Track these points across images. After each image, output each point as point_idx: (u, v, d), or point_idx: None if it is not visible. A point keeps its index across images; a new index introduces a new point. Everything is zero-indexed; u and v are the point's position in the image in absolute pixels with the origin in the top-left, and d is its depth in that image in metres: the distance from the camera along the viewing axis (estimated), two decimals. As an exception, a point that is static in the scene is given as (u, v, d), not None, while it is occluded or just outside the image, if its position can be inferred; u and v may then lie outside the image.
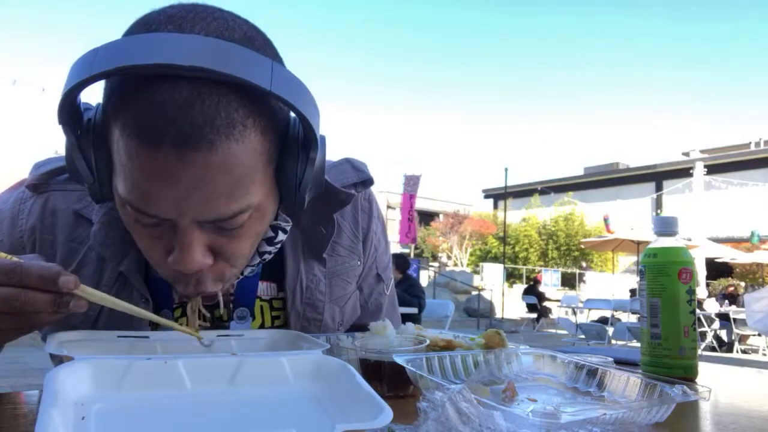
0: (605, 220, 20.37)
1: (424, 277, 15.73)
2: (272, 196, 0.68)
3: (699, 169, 17.26)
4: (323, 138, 0.69)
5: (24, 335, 0.62)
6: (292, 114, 0.66)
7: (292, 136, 0.66)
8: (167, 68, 0.54)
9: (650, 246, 0.89)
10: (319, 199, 0.79)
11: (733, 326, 9.51)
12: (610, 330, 8.02)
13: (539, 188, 27.58)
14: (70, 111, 0.60)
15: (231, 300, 0.83)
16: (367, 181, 0.93)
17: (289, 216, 0.80)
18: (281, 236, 0.79)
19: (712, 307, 10.34)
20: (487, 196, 33.04)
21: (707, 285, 15.54)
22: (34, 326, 0.59)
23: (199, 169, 0.56)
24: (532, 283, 15.69)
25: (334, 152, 0.79)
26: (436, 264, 21.35)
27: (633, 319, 9.05)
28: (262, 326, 0.85)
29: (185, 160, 0.55)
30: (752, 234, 17.63)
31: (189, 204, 0.58)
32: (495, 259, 22.57)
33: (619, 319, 9.31)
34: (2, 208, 0.82)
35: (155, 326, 0.77)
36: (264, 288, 0.86)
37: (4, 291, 0.54)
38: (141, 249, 0.68)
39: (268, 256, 0.80)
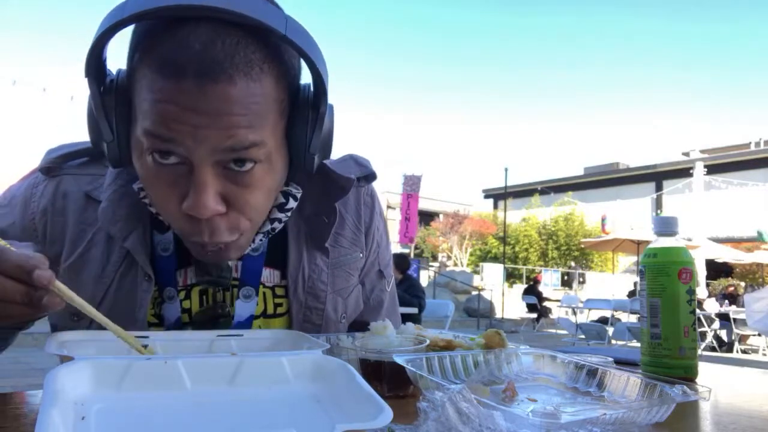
0: (602, 220, 20.42)
1: (424, 277, 15.73)
2: (282, 153, 0.72)
3: (699, 169, 17.28)
4: (332, 106, 0.74)
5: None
6: (303, 83, 0.72)
7: (302, 97, 0.71)
8: (188, 9, 0.60)
9: (650, 246, 0.89)
10: (322, 187, 0.85)
11: (733, 326, 9.51)
12: (610, 330, 8.02)
13: (539, 188, 27.57)
14: (96, 64, 0.65)
15: (236, 283, 0.84)
16: (370, 176, 0.97)
17: (299, 185, 0.84)
18: (292, 203, 0.82)
19: (712, 307, 10.34)
20: (487, 196, 33.05)
21: (707, 285, 15.54)
22: (6, 316, 0.57)
23: (219, 100, 0.61)
24: (531, 283, 15.68)
25: (334, 152, 0.81)
26: (436, 264, 21.34)
27: (633, 319, 9.05)
28: (264, 312, 0.85)
29: (206, 91, 0.61)
30: (759, 234, 17.55)
31: (207, 132, 0.62)
32: (495, 259, 22.57)
33: (619, 319, 9.31)
34: (16, 193, 0.85)
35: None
36: (267, 275, 0.86)
37: None
38: (157, 204, 0.71)
39: (278, 225, 0.83)
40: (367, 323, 0.85)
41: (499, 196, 29.94)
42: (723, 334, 10.00)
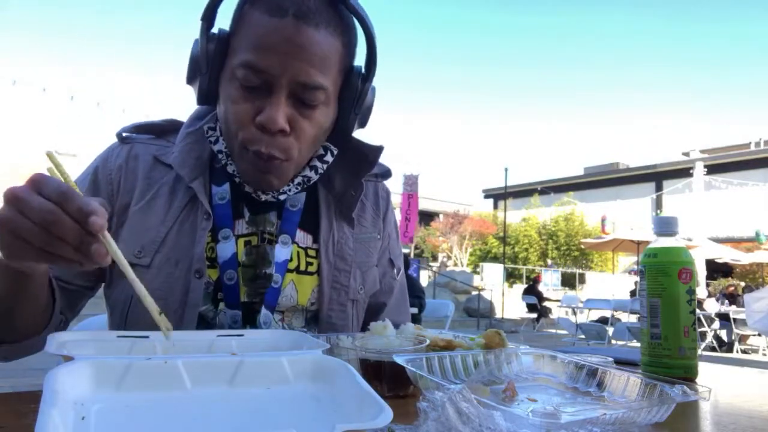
0: (602, 220, 20.40)
1: (424, 277, 15.72)
2: (334, 106, 0.91)
3: (699, 169, 17.27)
4: (374, 87, 0.95)
5: (43, 263, 0.67)
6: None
7: (356, 70, 0.92)
8: None
9: (650, 246, 0.89)
10: (352, 164, 1.02)
11: (733, 326, 9.50)
12: (610, 330, 8.01)
13: (539, 188, 27.57)
14: (211, 14, 0.87)
15: (272, 238, 0.97)
16: (387, 173, 1.15)
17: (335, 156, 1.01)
18: (329, 156, 1.00)
19: (712, 307, 10.33)
20: (487, 196, 33.05)
21: (707, 285, 15.53)
22: (55, 257, 0.60)
23: (307, 40, 0.81)
24: (531, 283, 15.66)
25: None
26: (436, 264, 21.33)
27: (633, 319, 9.05)
28: (297, 268, 0.98)
29: (299, 29, 0.81)
30: (757, 234, 17.53)
31: (292, 63, 0.81)
32: (495, 259, 22.56)
33: (619, 319, 9.30)
34: (99, 155, 1.02)
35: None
36: (301, 237, 1.00)
37: (46, 204, 0.58)
38: (233, 119, 0.86)
39: (314, 176, 0.99)
40: (383, 304, 1.10)
41: (499, 196, 29.94)
42: (723, 334, 9.99)
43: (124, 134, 1.01)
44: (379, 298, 1.11)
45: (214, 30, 0.88)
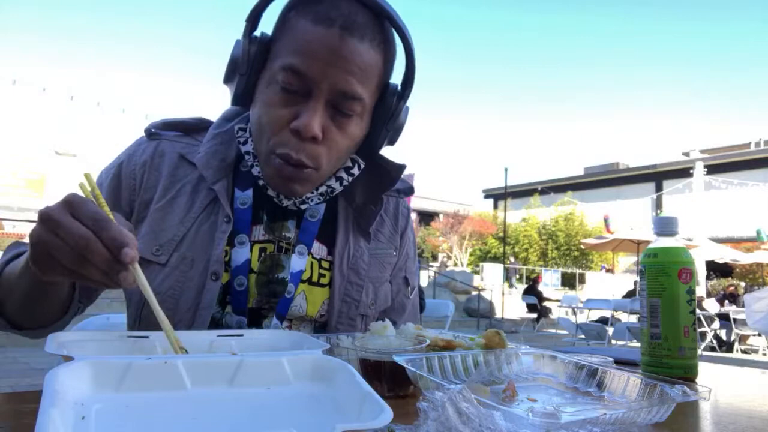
0: (605, 220, 20.35)
1: (424, 277, 15.71)
2: (367, 120, 0.92)
3: (699, 169, 17.25)
4: (408, 107, 0.95)
5: (66, 279, 0.69)
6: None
7: (392, 87, 0.92)
8: None
9: (650, 246, 0.89)
10: (374, 180, 1.02)
11: (733, 326, 9.50)
12: (610, 330, 8.01)
13: (539, 188, 27.57)
14: (256, 17, 0.87)
15: (288, 247, 0.97)
16: (410, 190, 1.15)
17: (361, 159, 1.00)
18: (356, 170, 0.99)
19: (712, 307, 10.33)
20: (487, 196, 33.04)
21: (707, 285, 15.52)
22: (82, 275, 0.62)
23: (350, 51, 0.82)
24: (531, 282, 15.66)
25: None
26: (436, 264, 21.32)
27: (633, 319, 9.04)
28: (310, 279, 0.97)
29: (344, 40, 0.82)
30: (758, 233, 17.48)
31: (334, 72, 0.82)
32: (495, 259, 22.55)
33: (619, 319, 9.29)
34: (126, 149, 1.02)
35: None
36: (316, 247, 0.99)
37: (81, 229, 0.60)
38: (268, 121, 0.86)
39: (338, 187, 0.98)
40: (393, 323, 0.95)
41: (499, 196, 29.94)
42: (723, 334, 9.98)
43: (152, 130, 1.01)
44: (390, 316, 1.09)
45: (257, 33, 0.88)
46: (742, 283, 17.31)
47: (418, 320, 1.19)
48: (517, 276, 20.59)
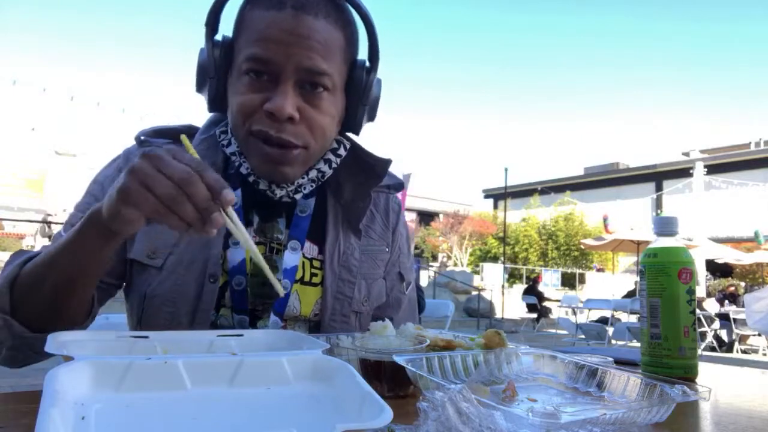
0: (604, 220, 20.35)
1: (424, 277, 15.71)
2: (342, 95, 0.93)
3: (699, 169, 17.26)
4: (380, 79, 0.96)
5: (153, 220, 0.66)
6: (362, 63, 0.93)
7: (360, 63, 0.93)
8: None
9: (650, 246, 0.89)
10: (360, 176, 1.02)
11: (733, 326, 9.50)
12: (610, 330, 8.01)
13: (539, 188, 27.56)
14: (214, 20, 0.89)
15: (278, 246, 0.97)
16: (399, 185, 1.15)
17: (342, 164, 1.01)
18: (342, 150, 1.00)
19: (712, 307, 10.32)
20: (487, 196, 33.03)
21: (707, 285, 15.52)
22: (171, 215, 0.63)
23: (307, 28, 0.83)
24: (531, 282, 15.65)
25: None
26: (436, 264, 21.32)
27: (633, 319, 9.04)
28: (302, 279, 0.98)
29: (299, 18, 0.83)
30: (756, 234, 17.48)
31: (295, 51, 0.83)
32: (495, 259, 22.55)
33: (619, 319, 9.29)
34: (116, 158, 1.03)
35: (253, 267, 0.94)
36: (308, 247, 1.00)
37: (185, 167, 0.63)
38: (242, 109, 0.87)
39: (328, 170, 0.99)
40: (390, 319, 0.98)
41: (499, 196, 29.94)
42: (723, 334, 9.98)
43: (142, 138, 1.01)
44: (386, 312, 1.10)
45: (218, 37, 0.90)
46: (742, 283, 17.31)
47: (416, 316, 1.20)
48: (508, 278, 20.58)
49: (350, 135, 1.04)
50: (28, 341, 0.79)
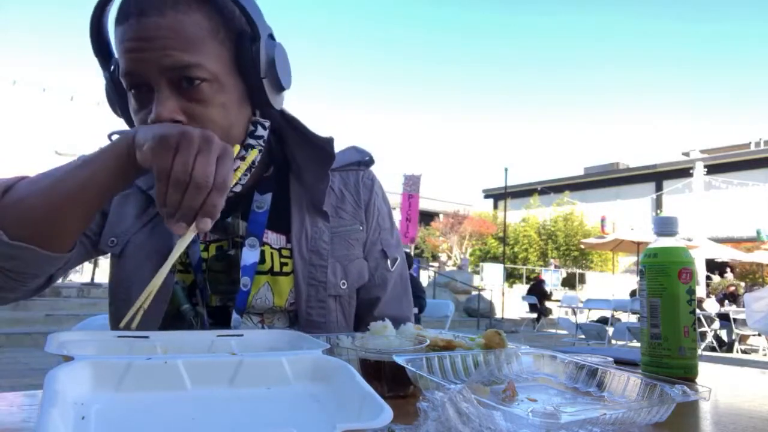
0: (602, 221, 20.41)
1: (424, 277, 15.71)
2: (233, 78, 0.88)
3: (699, 169, 17.26)
4: (279, 43, 0.92)
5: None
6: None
7: (244, 33, 0.88)
8: None
9: (650, 246, 0.89)
10: (314, 157, 1.01)
11: (733, 326, 9.50)
12: (610, 330, 8.01)
13: (539, 188, 27.55)
14: (98, 49, 0.91)
15: (240, 240, 0.97)
16: (369, 161, 1.12)
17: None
18: (261, 131, 0.95)
19: (712, 307, 10.33)
20: (487, 196, 33.03)
21: (707, 285, 15.51)
22: (161, 186, 0.68)
23: (152, 29, 0.80)
24: (534, 282, 15.64)
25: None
26: (436, 264, 21.32)
27: (633, 319, 9.05)
28: (271, 270, 0.97)
29: (143, 24, 0.80)
30: (758, 233, 17.45)
31: (149, 55, 0.80)
32: (495, 259, 22.54)
33: (619, 319, 9.30)
34: None
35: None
36: (274, 238, 0.99)
37: (207, 178, 0.68)
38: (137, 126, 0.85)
39: (257, 155, 0.94)
40: (377, 299, 1.06)
41: (499, 196, 29.94)
42: (723, 334, 9.98)
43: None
44: (372, 293, 1.08)
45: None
46: (742, 283, 17.30)
47: (409, 293, 1.16)
48: (508, 278, 20.56)
49: (289, 114, 1.01)
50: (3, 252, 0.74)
